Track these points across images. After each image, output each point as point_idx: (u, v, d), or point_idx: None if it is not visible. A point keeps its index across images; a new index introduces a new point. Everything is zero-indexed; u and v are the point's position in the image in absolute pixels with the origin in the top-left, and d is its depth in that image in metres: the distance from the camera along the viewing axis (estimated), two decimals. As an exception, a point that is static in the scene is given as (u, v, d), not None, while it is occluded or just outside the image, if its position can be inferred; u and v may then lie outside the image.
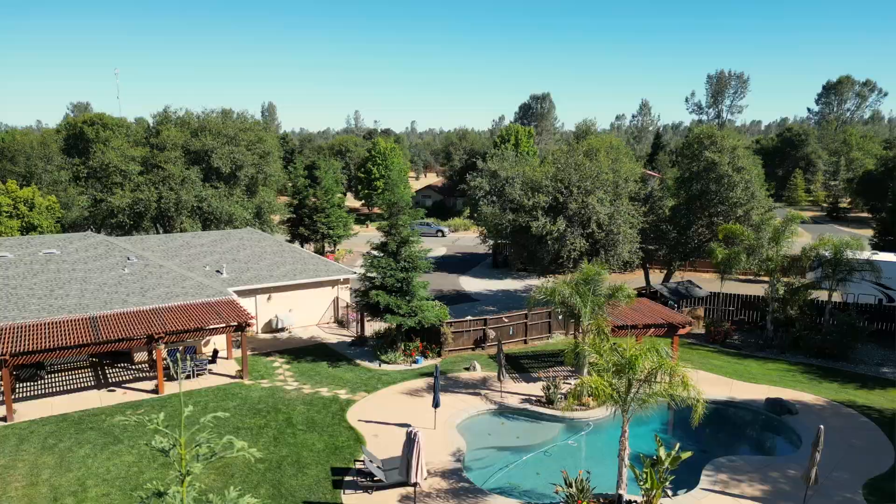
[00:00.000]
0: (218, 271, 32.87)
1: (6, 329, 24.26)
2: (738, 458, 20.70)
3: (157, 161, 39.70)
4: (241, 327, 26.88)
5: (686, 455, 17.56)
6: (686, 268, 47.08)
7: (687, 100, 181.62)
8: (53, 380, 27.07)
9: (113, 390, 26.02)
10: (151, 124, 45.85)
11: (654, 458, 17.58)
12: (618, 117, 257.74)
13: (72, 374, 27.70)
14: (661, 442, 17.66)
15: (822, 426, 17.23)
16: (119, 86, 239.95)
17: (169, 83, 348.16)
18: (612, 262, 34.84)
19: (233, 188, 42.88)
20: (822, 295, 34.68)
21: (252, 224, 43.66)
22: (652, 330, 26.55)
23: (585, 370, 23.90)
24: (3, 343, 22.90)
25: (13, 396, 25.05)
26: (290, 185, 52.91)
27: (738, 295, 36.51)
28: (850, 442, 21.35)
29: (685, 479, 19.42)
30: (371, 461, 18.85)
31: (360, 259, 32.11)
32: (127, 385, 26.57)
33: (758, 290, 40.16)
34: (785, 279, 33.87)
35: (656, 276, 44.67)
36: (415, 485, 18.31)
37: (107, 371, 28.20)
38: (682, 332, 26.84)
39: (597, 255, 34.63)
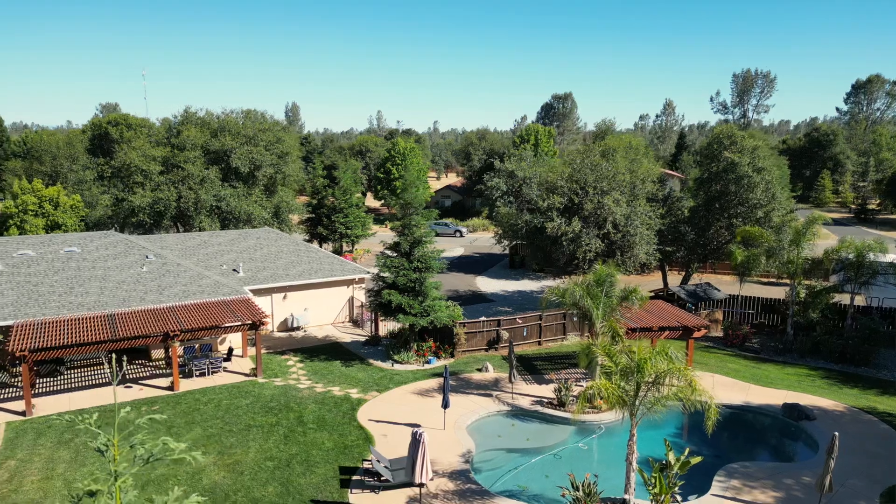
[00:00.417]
0: (235, 270, 33.21)
1: (26, 325, 24.77)
2: (751, 464, 20.34)
3: (177, 161, 40.26)
4: (255, 326, 27.12)
5: (696, 460, 17.30)
6: (705, 270, 46.45)
7: (712, 99, 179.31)
8: (72, 376, 27.58)
9: (129, 387, 26.43)
10: (173, 124, 46.49)
11: (664, 462, 17.35)
12: (641, 117, 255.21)
13: (90, 371, 28.19)
14: (670, 446, 17.41)
15: (836, 433, 16.84)
16: (146, 87, 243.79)
17: (195, 84, 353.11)
18: (629, 264, 34.50)
19: (251, 188, 43.31)
20: (844, 298, 33.96)
21: (270, 224, 44.06)
22: (666, 333, 26.20)
23: (598, 372, 23.66)
24: (24, 339, 23.38)
25: (35, 391, 25.62)
26: (308, 185, 53.26)
27: (759, 298, 35.90)
28: (869, 449, 20.85)
29: (697, 484, 19.15)
30: (378, 461, 18.88)
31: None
32: (143, 382, 26.97)
33: (779, 293, 39.47)
34: (806, 282, 33.27)
35: (675, 279, 44.12)
36: (420, 485, 18.31)
37: (124, 368, 28.62)
38: (697, 335, 26.44)
39: (613, 257, 34.32)
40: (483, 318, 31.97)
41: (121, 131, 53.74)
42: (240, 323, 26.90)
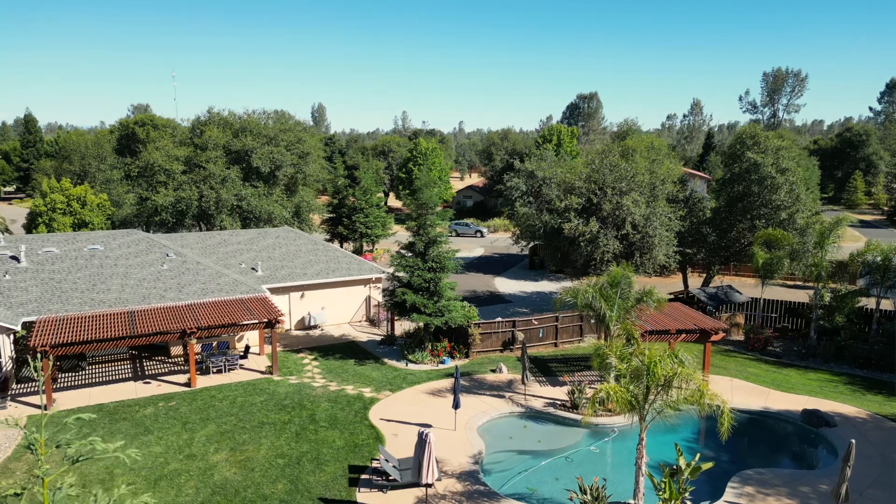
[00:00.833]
0: (253, 268, 33.57)
1: (49, 321, 25.33)
2: (767, 470, 19.90)
3: (199, 161, 40.85)
4: (271, 324, 27.37)
5: (707, 466, 17.00)
6: (728, 272, 45.64)
7: (741, 98, 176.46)
8: (94, 371, 28.13)
9: (148, 382, 26.87)
10: (197, 125, 47.18)
11: (674, 467, 17.08)
12: (669, 117, 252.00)
13: (111, 366, 28.72)
14: (681, 451, 17.14)
15: (853, 440, 16.38)
16: (175, 88, 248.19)
17: (223, 86, 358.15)
18: (647, 265, 34.06)
19: (272, 187, 43.75)
20: (870, 303, 33.08)
21: (291, 223, 44.44)
22: (683, 336, 25.78)
23: (613, 375, 23.39)
24: (45, 335, 23.92)
25: (57, 386, 26.20)
26: (329, 185, 53.64)
27: (782, 301, 35.15)
28: (891, 458, 20.26)
29: (710, 490, 18.84)
30: (387, 460, 18.90)
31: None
32: (162, 378, 27.39)
33: (804, 296, 38.62)
34: (831, 285, 32.49)
35: (697, 281, 43.46)
36: (428, 485, 18.28)
37: (144, 364, 29.15)
38: (714, 338, 25.96)
39: (631, 258, 33.91)
40: (499, 319, 31.84)
41: (147, 131, 54.71)
42: (256, 321, 27.17)
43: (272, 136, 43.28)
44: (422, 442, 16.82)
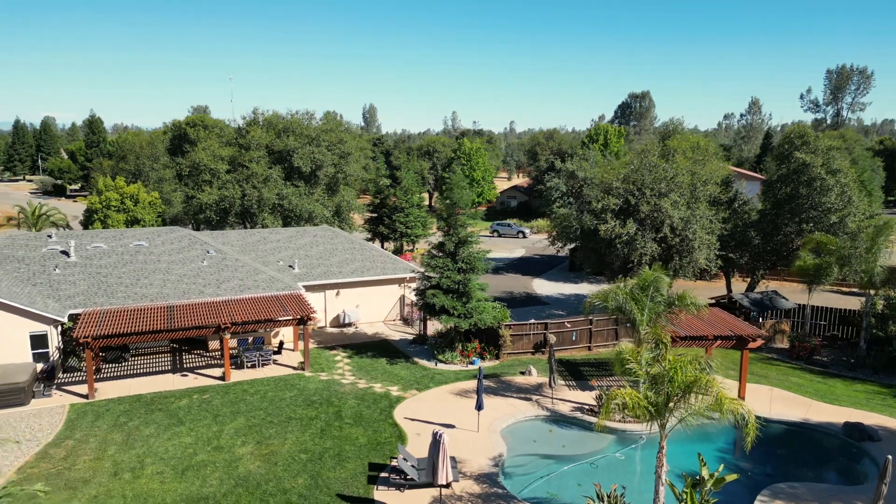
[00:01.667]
0: (290, 266, 34.20)
1: (93, 314, 26.42)
2: (800, 484, 19.06)
3: (242, 160, 41.91)
4: (304, 321, 27.84)
5: (731, 477, 16.38)
6: (775, 277, 43.92)
7: (802, 97, 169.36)
8: (135, 363, 29.20)
9: (185, 375, 27.71)
10: (242, 125, 48.44)
11: (697, 477, 16.53)
12: (726, 116, 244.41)
13: (152, 359, 29.75)
14: (704, 461, 16.57)
15: (889, 456, 15.52)
16: (232, 90, 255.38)
17: (278, 87, 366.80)
18: (687, 269, 33.10)
19: (313, 187, 44.50)
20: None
21: (331, 222, 45.07)
22: (718, 342, 24.93)
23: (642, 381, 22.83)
24: (88, 326, 24.96)
25: (99, 376, 27.31)
26: (371, 185, 54.21)
27: (832, 308, 33.58)
28: (937, 477, 19.06)
29: (737, 503, 18.17)
30: (405, 459, 18.93)
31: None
32: (199, 371, 28.21)
33: (857, 303, 36.80)
34: (885, 292, 30.85)
35: (741, 286, 41.99)
36: (446, 485, 18.25)
37: (183, 357, 30.07)
38: (753, 345, 24.97)
39: (670, 261, 33.03)
40: (532, 321, 31.51)
41: (198, 132, 56.46)
42: (288, 317, 27.68)
43: (314, 137, 44.02)
44: (436, 443, 16.79)
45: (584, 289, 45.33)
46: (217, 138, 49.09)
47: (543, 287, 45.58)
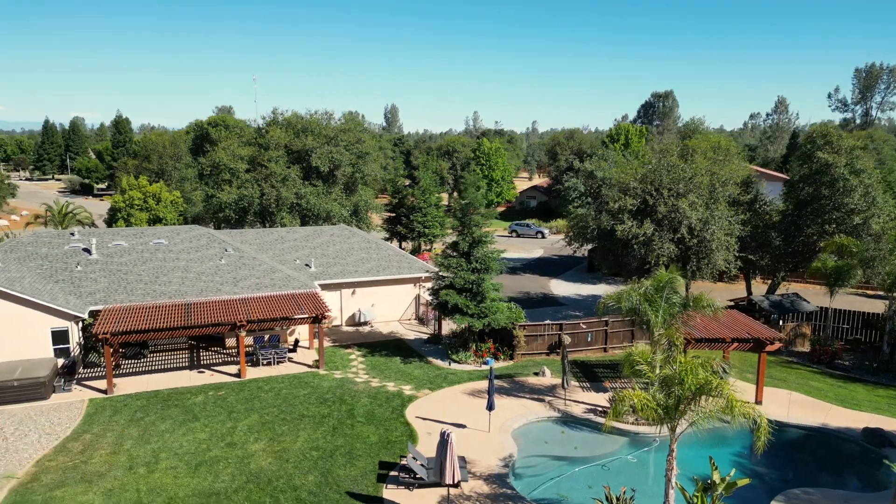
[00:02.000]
0: (307, 265, 34.46)
1: (113, 311, 26.89)
2: (816, 490, 18.72)
3: (261, 160, 42.35)
4: (318, 319, 28.03)
5: (743, 482, 16.13)
6: (798, 280, 43.13)
7: (830, 96, 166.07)
8: (154, 359, 29.64)
9: (202, 372, 28.07)
10: (261, 125, 48.95)
11: (708, 481, 16.31)
12: (752, 116, 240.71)
13: (170, 355, 30.17)
14: (715, 465, 16.34)
15: (907, 464, 15.16)
16: (256, 91, 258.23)
17: (302, 88, 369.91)
18: (705, 271, 32.68)
19: (331, 186, 44.78)
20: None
21: (349, 221, 45.32)
22: (735, 345, 24.57)
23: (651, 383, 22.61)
24: (107, 323, 25.40)
25: (119, 372, 27.77)
26: (389, 184, 54.39)
27: (855, 312, 32.90)
28: (960, 485, 18.59)
29: (750, 508, 17.90)
30: (415, 458, 18.96)
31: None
32: (215, 368, 28.54)
33: (882, 306, 36.00)
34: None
35: (762, 288, 41.30)
36: (455, 485, 18.25)
37: (201, 354, 30.45)
38: (770, 348, 24.56)
39: (688, 263, 32.63)
40: (547, 322, 31.36)
41: (219, 132, 57.15)
42: (302, 316, 27.89)
43: (332, 137, 44.30)
44: (443, 442, 16.79)
45: (602, 290, 44.98)
46: (237, 138, 49.65)
47: (561, 288, 45.33)
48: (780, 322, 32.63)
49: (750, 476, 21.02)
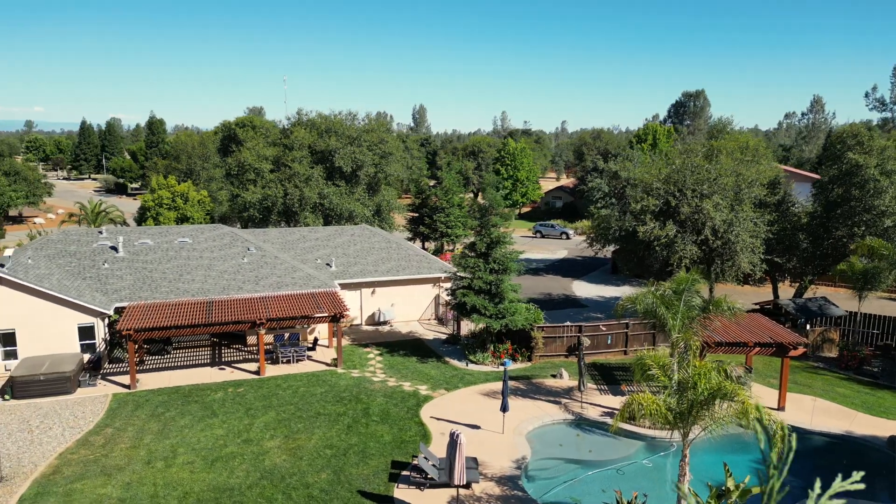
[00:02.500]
0: (328, 264, 34.76)
1: (137, 308, 27.47)
2: (838, 501, 18.18)
3: (285, 160, 42.85)
4: (336, 318, 28.25)
5: (758, 489, 15.80)
6: (825, 283, 42.05)
7: (867, 95, 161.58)
8: (177, 355, 30.20)
9: (223, 369, 28.51)
10: (286, 126, 49.51)
11: (722, 488, 16.01)
12: (787, 115, 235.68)
13: (193, 352, 30.70)
14: (729, 471, 15.97)
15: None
16: (286, 91, 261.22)
17: (332, 89, 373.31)
18: (729, 273, 32.08)
19: (354, 186, 45.09)
20: None
21: (372, 221, 45.55)
22: (757, 349, 24.08)
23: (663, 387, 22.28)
24: (131, 319, 25.96)
25: (142, 367, 28.36)
26: (413, 185, 54.52)
27: (886, 316, 31.92)
28: None
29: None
30: (426, 458, 18.98)
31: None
32: (236, 365, 28.96)
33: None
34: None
35: (789, 292, 40.36)
36: (466, 486, 18.24)
37: (222, 351, 30.93)
38: (793, 353, 24.00)
39: (711, 265, 32.07)
40: (567, 323, 31.12)
41: (246, 133, 57.97)
42: (321, 315, 28.13)
43: (355, 137, 44.60)
44: (453, 443, 16.78)
45: (626, 292, 44.42)
46: (263, 139, 50.32)
47: (583, 289, 44.93)
48: (808, 326, 31.86)
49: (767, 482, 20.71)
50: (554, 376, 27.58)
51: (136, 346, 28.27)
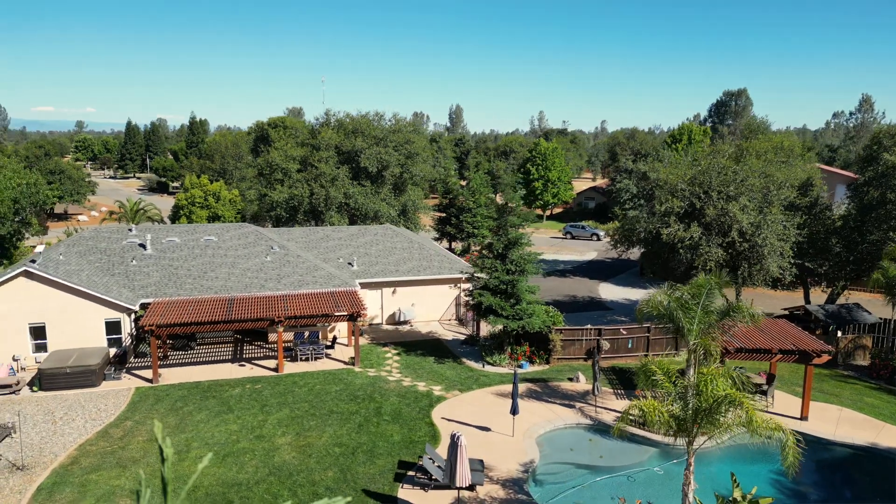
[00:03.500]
0: (350, 263, 35.05)
1: (160, 304, 28.17)
2: (855, 514, 17.55)
3: (312, 160, 43.38)
4: (353, 317, 28.46)
5: (766, 501, 15.30)
6: (859, 289, 40.48)
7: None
8: (200, 351, 30.85)
9: (243, 365, 29.01)
10: (315, 126, 50.12)
11: (729, 499, 15.59)
12: (835, 115, 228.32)
13: (216, 348, 31.32)
14: (737, 482, 15.58)
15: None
16: (324, 92, 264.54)
17: (369, 89, 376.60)
18: (757, 277, 31.19)
19: (380, 186, 45.37)
20: None
21: (397, 222, 45.75)
22: (779, 356, 23.34)
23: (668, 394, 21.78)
24: (153, 315, 26.63)
25: (166, 362, 29.06)
26: (440, 185, 54.58)
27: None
28: None
29: (779, 529, 16.98)
30: (431, 459, 18.97)
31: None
32: (256, 362, 29.43)
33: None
34: None
35: (822, 297, 39.00)
36: (471, 488, 18.17)
37: (244, 348, 31.47)
38: (817, 361, 23.18)
39: (738, 268, 31.24)
40: (588, 326, 30.72)
41: (278, 133, 58.88)
42: (338, 313, 28.37)
43: (381, 137, 44.86)
44: (454, 445, 16.73)
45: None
46: (292, 139, 51.05)
47: (609, 292, 44.27)
48: (839, 333, 30.76)
49: (789, 495, 20.05)
50: (570, 380, 27.27)
51: (160, 341, 28.99)
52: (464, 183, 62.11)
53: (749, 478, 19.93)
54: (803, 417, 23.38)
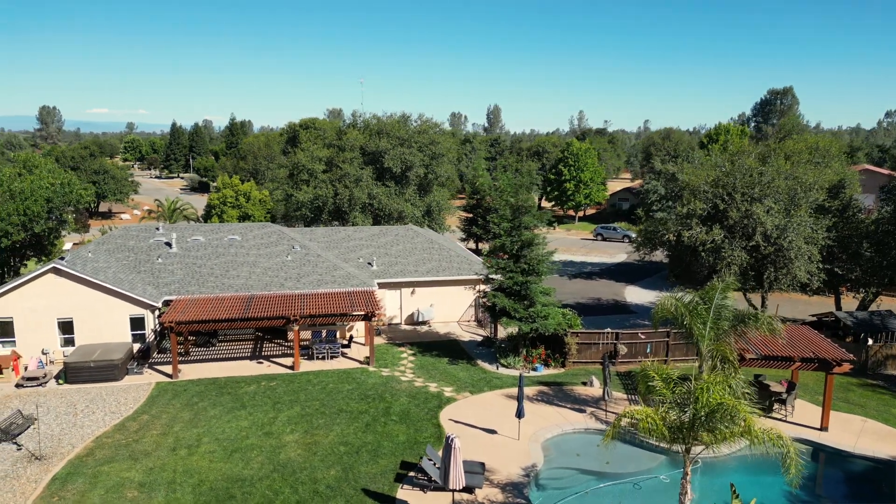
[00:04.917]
0: (369, 263, 35.32)
1: (181, 301, 28.90)
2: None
3: (337, 161, 43.88)
4: (368, 317, 28.68)
5: (766, 513, 14.90)
6: (893, 295, 38.79)
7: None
8: (221, 348, 31.53)
9: (261, 363, 29.53)
10: (342, 127, 50.69)
11: (728, 510, 15.22)
12: (888, 114, 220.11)
13: (236, 345, 31.97)
14: (736, 493, 15.19)
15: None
16: (363, 93, 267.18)
17: (408, 89, 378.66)
18: (783, 281, 30.24)
19: (404, 187, 45.59)
20: None
21: (422, 222, 45.90)
22: (798, 364, 22.60)
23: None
24: (174, 312, 27.34)
25: (188, 358, 29.79)
26: (468, 185, 54.54)
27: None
28: None
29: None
30: (430, 460, 18.99)
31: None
32: (273, 359, 29.94)
33: None
34: None
35: (853, 304, 37.52)
36: (469, 491, 18.13)
37: (263, 345, 32.04)
38: (838, 370, 22.33)
39: (763, 273, 30.34)
40: (608, 330, 30.28)
41: (309, 134, 59.74)
42: (353, 313, 28.62)
43: (406, 138, 45.08)
44: (448, 447, 16.71)
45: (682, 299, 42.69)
46: (321, 140, 51.74)
47: (635, 295, 43.55)
48: (869, 341, 29.60)
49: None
50: (584, 383, 26.92)
51: (181, 337, 29.74)
52: (496, 183, 61.75)
53: (763, 489, 19.45)
54: (823, 428, 22.58)
